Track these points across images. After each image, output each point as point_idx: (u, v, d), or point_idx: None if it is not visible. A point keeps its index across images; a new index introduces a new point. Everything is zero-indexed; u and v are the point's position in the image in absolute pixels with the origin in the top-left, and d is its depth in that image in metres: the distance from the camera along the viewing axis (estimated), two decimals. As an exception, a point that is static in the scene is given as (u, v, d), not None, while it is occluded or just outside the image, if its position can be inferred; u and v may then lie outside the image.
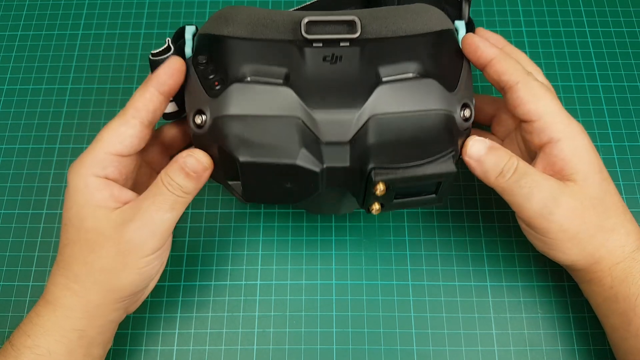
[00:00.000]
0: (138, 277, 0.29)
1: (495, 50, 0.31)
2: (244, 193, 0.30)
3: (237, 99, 0.28)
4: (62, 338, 0.29)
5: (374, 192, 0.27)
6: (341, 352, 0.35)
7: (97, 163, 0.29)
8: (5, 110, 0.43)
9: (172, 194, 0.29)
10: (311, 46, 0.29)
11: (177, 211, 0.29)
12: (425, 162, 0.27)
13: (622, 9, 0.46)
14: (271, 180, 0.29)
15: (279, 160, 0.27)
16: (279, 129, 0.28)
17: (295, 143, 0.28)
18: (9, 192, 0.40)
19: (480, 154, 0.30)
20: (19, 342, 0.28)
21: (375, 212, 0.29)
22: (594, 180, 0.30)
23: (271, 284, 0.37)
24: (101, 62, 0.44)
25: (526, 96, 0.30)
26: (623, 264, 0.30)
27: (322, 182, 0.29)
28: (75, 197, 0.29)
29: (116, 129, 0.30)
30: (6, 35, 0.46)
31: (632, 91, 0.43)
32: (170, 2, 0.47)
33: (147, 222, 0.28)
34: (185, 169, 0.29)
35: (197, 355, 0.36)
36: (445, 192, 0.29)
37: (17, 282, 0.38)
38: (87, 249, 0.29)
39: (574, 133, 0.30)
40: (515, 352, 0.35)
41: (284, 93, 0.28)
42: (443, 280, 0.37)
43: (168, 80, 0.30)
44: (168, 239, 0.30)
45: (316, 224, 0.39)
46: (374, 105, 0.28)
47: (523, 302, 0.37)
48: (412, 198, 0.30)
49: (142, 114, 0.30)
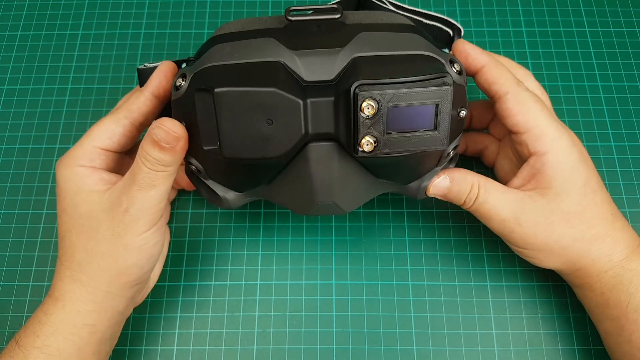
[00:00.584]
0: (139, 255, 0.29)
1: (486, 57, 0.31)
2: (222, 142, 0.27)
3: (217, 54, 0.28)
4: (72, 335, 0.28)
5: (362, 114, 0.26)
6: (341, 352, 0.35)
7: (85, 155, 0.30)
8: (5, 110, 0.43)
9: (149, 170, 0.28)
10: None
11: (160, 186, 0.28)
12: (416, 79, 0.26)
13: (622, 9, 0.46)
14: (249, 120, 0.26)
15: (257, 88, 0.26)
16: (259, 69, 0.27)
17: (276, 77, 0.26)
18: (9, 192, 0.40)
19: (443, 192, 0.32)
20: (27, 342, 0.28)
21: (368, 149, 0.27)
22: (571, 195, 0.30)
23: (271, 284, 0.37)
24: (101, 62, 0.44)
25: (515, 107, 0.30)
26: (612, 272, 0.30)
27: (305, 121, 0.27)
28: (67, 186, 0.29)
29: (106, 126, 0.30)
30: (6, 35, 0.46)
31: (632, 91, 0.43)
32: (170, 2, 0.47)
33: (132, 201, 0.28)
34: (158, 141, 0.27)
35: (197, 355, 0.36)
36: (445, 125, 0.27)
37: (17, 282, 0.38)
38: (84, 235, 0.29)
39: (561, 147, 0.30)
40: (515, 352, 0.35)
41: (265, 42, 0.28)
42: (443, 280, 0.37)
43: (162, 82, 0.31)
44: (162, 213, 0.30)
45: (316, 224, 0.39)
46: (358, 47, 0.28)
47: (523, 302, 0.37)
48: (408, 133, 0.27)
49: (135, 115, 0.31)
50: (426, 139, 0.27)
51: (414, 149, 0.27)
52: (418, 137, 0.27)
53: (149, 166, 0.28)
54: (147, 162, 0.28)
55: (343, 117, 0.27)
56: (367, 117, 0.26)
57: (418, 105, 0.26)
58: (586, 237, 0.30)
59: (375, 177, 0.31)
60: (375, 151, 0.27)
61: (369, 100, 0.25)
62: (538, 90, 0.33)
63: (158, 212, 0.29)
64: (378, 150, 0.27)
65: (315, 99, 0.27)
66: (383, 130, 0.26)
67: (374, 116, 0.26)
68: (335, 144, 0.28)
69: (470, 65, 0.32)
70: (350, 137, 0.27)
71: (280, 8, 0.46)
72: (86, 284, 0.29)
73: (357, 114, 0.26)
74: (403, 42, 0.28)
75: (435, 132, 0.27)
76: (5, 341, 0.36)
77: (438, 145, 0.27)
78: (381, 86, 0.26)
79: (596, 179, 0.31)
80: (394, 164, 0.29)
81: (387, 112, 0.26)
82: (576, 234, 0.30)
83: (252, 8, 0.46)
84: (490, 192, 0.31)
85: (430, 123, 0.27)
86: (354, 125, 0.26)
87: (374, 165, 0.30)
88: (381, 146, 0.27)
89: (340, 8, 0.29)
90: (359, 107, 0.26)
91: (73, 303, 0.29)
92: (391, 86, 0.26)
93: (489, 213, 0.31)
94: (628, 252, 0.30)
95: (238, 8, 0.46)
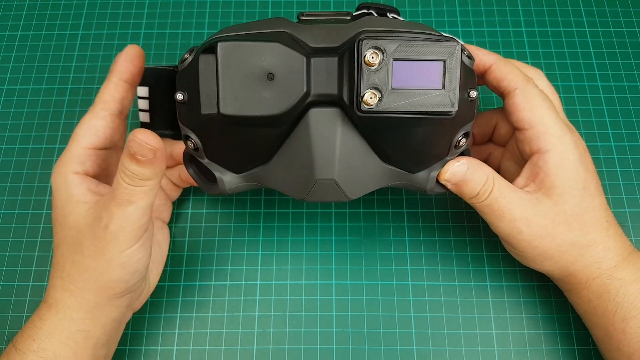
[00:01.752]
0: (123, 271, 0.29)
1: (493, 56, 0.31)
2: (220, 99, 0.26)
3: (227, 30, 0.28)
4: (68, 340, 0.28)
5: (366, 65, 0.25)
6: (341, 352, 0.35)
7: (75, 159, 0.29)
8: (5, 110, 0.43)
9: (127, 185, 0.27)
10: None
11: (139, 202, 0.27)
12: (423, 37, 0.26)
13: (622, 9, 0.46)
14: (249, 75, 0.26)
15: (260, 42, 0.25)
16: (265, 35, 0.27)
17: (280, 37, 0.26)
18: (9, 192, 0.40)
19: (459, 178, 0.30)
20: (24, 346, 0.28)
21: (372, 101, 0.25)
22: (573, 196, 0.30)
23: (271, 284, 0.37)
24: (101, 62, 0.44)
25: (522, 103, 0.30)
26: (599, 279, 0.30)
27: (308, 79, 0.26)
28: (59, 195, 0.29)
29: (88, 123, 0.30)
30: (6, 35, 0.46)
31: (632, 91, 0.43)
32: (170, 2, 0.47)
33: (111, 217, 0.27)
34: (134, 154, 0.26)
35: (197, 355, 0.36)
36: (454, 84, 0.26)
37: (17, 282, 0.38)
38: (72, 248, 0.29)
39: (564, 146, 0.30)
40: (515, 352, 0.35)
41: (275, 19, 0.28)
42: (443, 280, 0.37)
43: (129, 66, 0.31)
44: (147, 229, 0.29)
45: (316, 224, 0.39)
46: (367, 23, 0.27)
47: (523, 302, 0.37)
48: (414, 91, 0.26)
49: (110, 105, 0.30)
50: (433, 98, 0.26)
51: (421, 109, 0.26)
52: (425, 95, 0.26)
53: (128, 181, 0.27)
54: (126, 176, 0.27)
55: (347, 74, 0.26)
56: (371, 67, 0.25)
57: (425, 61, 0.25)
58: (582, 242, 0.30)
59: (381, 160, 0.30)
60: (379, 106, 0.26)
61: (373, 49, 0.25)
62: (548, 90, 0.33)
63: (139, 228, 0.28)
64: (382, 106, 0.26)
65: (319, 57, 0.26)
66: (388, 85, 0.25)
67: (379, 66, 0.25)
68: (339, 110, 0.27)
69: (478, 66, 0.32)
70: (354, 92, 0.26)
71: (280, 8, 0.46)
72: (75, 294, 0.29)
73: (360, 63, 0.25)
74: (413, 26, 0.28)
75: (443, 90, 0.26)
76: (5, 341, 0.36)
77: (446, 106, 0.26)
78: (386, 35, 0.25)
79: (595, 184, 0.31)
80: (400, 139, 0.28)
81: (392, 64, 0.25)
82: (574, 239, 0.30)
83: (252, 8, 0.46)
84: (504, 188, 0.30)
85: (438, 82, 0.26)
86: (358, 76, 0.25)
87: (380, 135, 0.28)
88: (385, 101, 0.25)
89: (352, 14, 0.30)
90: (362, 57, 0.25)
91: (66, 311, 0.29)
92: (397, 36, 0.25)
93: (502, 210, 0.30)
94: (618, 260, 0.30)
95: (238, 8, 0.46)
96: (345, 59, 0.26)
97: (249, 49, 0.26)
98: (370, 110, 0.26)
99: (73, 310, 0.29)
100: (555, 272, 0.32)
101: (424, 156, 0.30)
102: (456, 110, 0.26)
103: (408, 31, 0.27)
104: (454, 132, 0.29)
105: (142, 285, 0.32)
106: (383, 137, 0.28)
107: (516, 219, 0.30)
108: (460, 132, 0.30)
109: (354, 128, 0.28)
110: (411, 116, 0.26)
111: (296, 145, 0.28)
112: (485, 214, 0.31)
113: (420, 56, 0.25)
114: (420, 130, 0.28)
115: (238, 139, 0.28)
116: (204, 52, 0.27)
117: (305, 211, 0.39)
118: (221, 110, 0.26)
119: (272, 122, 0.27)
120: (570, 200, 0.30)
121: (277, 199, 0.40)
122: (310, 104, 0.27)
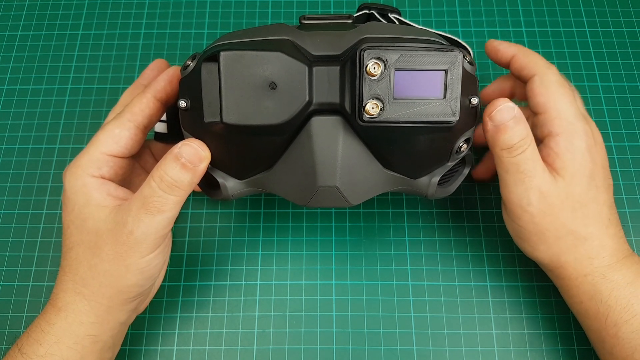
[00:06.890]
0: (141, 277, 0.29)
1: (515, 48, 0.33)
2: (223, 107, 0.26)
3: (228, 37, 0.28)
4: (76, 345, 0.28)
5: (368, 75, 0.25)
6: (341, 352, 0.35)
7: (93, 163, 0.29)
8: (5, 110, 0.43)
9: (162, 194, 0.27)
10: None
11: (168, 212, 0.28)
12: (425, 46, 0.26)
13: (622, 9, 0.46)
14: (252, 84, 0.26)
15: (262, 51, 0.26)
16: (267, 42, 0.27)
17: (282, 45, 0.27)
18: (9, 192, 0.40)
19: (503, 122, 0.28)
20: (31, 350, 0.28)
21: (374, 112, 0.26)
22: (581, 181, 0.30)
23: (271, 284, 0.37)
24: (101, 62, 0.44)
25: (538, 88, 0.31)
26: (590, 277, 0.30)
27: (310, 88, 0.27)
28: (76, 198, 0.29)
29: (112, 131, 0.30)
30: (6, 35, 0.46)
31: (632, 91, 0.43)
32: (170, 2, 0.47)
33: (138, 224, 0.27)
34: (181, 159, 0.27)
35: (197, 355, 0.36)
36: (455, 94, 0.26)
37: (17, 282, 0.38)
38: (89, 252, 0.29)
39: (575, 132, 0.30)
40: (515, 352, 0.35)
41: (277, 25, 0.28)
42: (443, 280, 0.37)
43: (166, 87, 0.31)
44: (166, 237, 0.30)
45: (316, 224, 0.39)
46: (369, 30, 0.28)
47: (523, 302, 0.37)
48: (416, 100, 0.26)
49: (139, 118, 0.30)
50: (435, 108, 0.26)
51: (422, 119, 0.26)
52: (426, 105, 0.26)
53: (164, 187, 0.27)
54: (163, 183, 0.27)
55: (349, 83, 0.26)
56: (373, 77, 0.25)
57: (426, 71, 0.26)
58: (580, 233, 0.30)
59: (383, 166, 0.30)
60: (381, 116, 0.26)
61: (374, 60, 0.25)
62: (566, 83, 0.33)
63: (163, 237, 0.29)
64: (384, 116, 0.26)
65: (321, 66, 0.27)
66: (389, 95, 0.26)
67: (380, 76, 0.25)
68: (341, 118, 0.28)
69: (502, 58, 0.33)
70: (355, 102, 0.26)
71: (280, 8, 0.46)
72: (88, 298, 0.29)
73: (362, 73, 0.25)
74: (415, 31, 0.28)
75: (445, 100, 0.26)
76: (4, 341, 0.36)
77: (447, 115, 0.26)
78: (388, 45, 0.25)
79: (602, 179, 0.30)
80: (401, 147, 0.28)
81: (394, 75, 0.25)
82: (573, 227, 0.30)
83: (252, 8, 0.46)
84: (536, 152, 0.29)
85: (440, 91, 0.26)
86: (359, 86, 0.26)
87: (381, 144, 0.28)
88: (387, 111, 0.26)
89: (353, 16, 0.30)
90: (364, 67, 0.25)
91: (76, 315, 0.29)
92: (399, 46, 0.25)
93: (525, 173, 0.29)
94: (612, 261, 0.30)
95: (238, 8, 0.46)
96: (347, 68, 0.27)
97: (251, 58, 0.26)
98: (372, 120, 0.26)
99: (84, 314, 0.29)
100: (546, 260, 0.31)
101: (425, 163, 0.30)
102: (457, 119, 0.26)
103: (410, 39, 0.27)
104: (456, 139, 0.30)
105: (151, 289, 0.32)
106: (384, 145, 0.29)
107: (532, 188, 0.29)
108: (462, 138, 0.30)
109: (355, 135, 0.28)
110: (413, 125, 0.26)
111: (298, 152, 0.28)
112: (508, 173, 0.29)
113: (422, 66, 0.26)
114: (421, 139, 0.28)
115: (241, 146, 0.29)
116: (206, 60, 0.27)
117: (305, 211, 0.39)
118: (224, 119, 0.26)
119: (275, 131, 0.27)
120: (579, 184, 0.30)
121: (277, 199, 0.40)
122: (312, 113, 0.28)
